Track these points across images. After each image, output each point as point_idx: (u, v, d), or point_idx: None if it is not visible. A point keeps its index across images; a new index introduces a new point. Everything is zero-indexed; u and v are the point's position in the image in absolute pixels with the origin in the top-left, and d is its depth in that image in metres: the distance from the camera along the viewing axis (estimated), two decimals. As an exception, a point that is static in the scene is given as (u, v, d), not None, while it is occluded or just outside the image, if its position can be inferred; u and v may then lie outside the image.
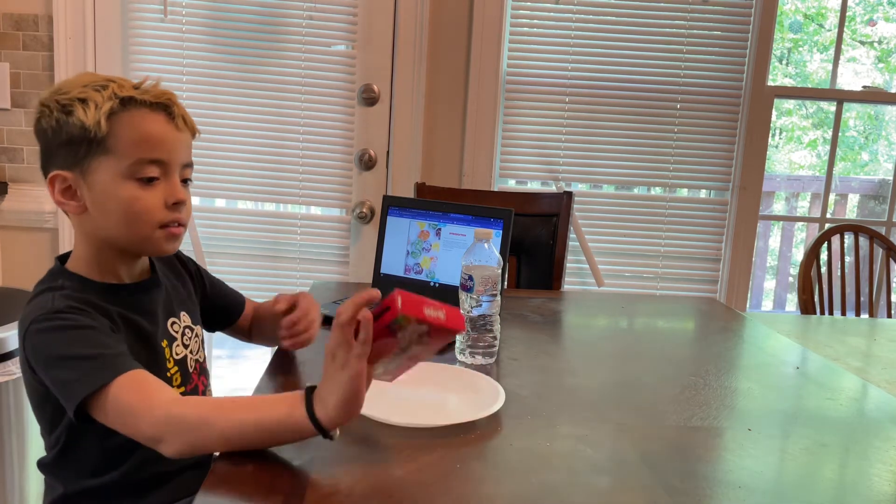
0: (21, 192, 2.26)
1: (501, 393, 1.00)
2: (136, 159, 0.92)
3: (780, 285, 4.04)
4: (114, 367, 0.85)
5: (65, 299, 0.90)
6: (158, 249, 0.98)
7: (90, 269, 0.97)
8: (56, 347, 0.87)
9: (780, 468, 0.90)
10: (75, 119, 0.90)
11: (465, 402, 1.00)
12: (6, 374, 1.59)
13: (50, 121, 0.91)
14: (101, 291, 0.96)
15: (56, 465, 0.99)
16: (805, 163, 5.48)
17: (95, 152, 0.91)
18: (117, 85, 0.92)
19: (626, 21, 2.34)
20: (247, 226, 2.37)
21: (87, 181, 0.92)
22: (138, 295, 1.00)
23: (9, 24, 2.19)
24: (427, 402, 1.02)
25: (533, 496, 0.77)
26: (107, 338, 0.89)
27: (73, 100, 0.90)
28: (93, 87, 0.92)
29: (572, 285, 2.43)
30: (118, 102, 0.91)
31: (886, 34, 5.21)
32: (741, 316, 1.67)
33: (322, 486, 0.76)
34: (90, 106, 0.90)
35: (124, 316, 0.96)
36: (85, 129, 0.90)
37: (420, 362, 0.89)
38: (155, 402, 0.84)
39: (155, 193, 0.94)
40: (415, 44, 2.28)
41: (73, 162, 0.92)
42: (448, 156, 2.37)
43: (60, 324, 0.88)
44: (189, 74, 2.27)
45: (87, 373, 0.85)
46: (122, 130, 0.91)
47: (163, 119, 0.94)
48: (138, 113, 0.92)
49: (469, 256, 1.17)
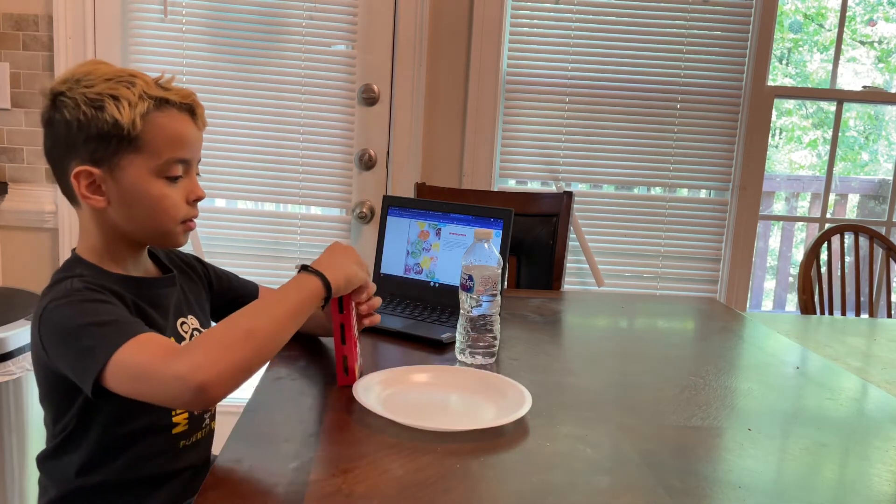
0: (21, 192, 2.26)
1: (528, 397, 0.98)
2: (167, 159, 0.94)
3: (780, 285, 4.04)
4: (132, 330, 0.85)
5: (81, 282, 0.91)
6: (175, 242, 1.01)
7: (103, 261, 0.98)
8: (71, 320, 0.87)
9: (780, 468, 0.90)
10: (107, 115, 0.90)
11: (493, 406, 0.99)
12: (6, 374, 1.59)
13: (76, 113, 0.91)
14: (117, 281, 0.97)
15: (53, 457, 0.99)
16: (805, 163, 5.48)
17: (126, 149, 0.92)
18: (144, 82, 0.93)
19: (626, 21, 2.34)
20: (247, 226, 2.37)
21: (114, 177, 0.93)
22: (152, 289, 1.02)
23: (9, 24, 2.19)
24: (454, 407, 1.02)
25: (533, 496, 0.77)
26: (122, 310, 0.90)
27: (104, 95, 0.91)
28: (118, 81, 0.92)
29: (572, 285, 2.43)
30: (153, 103, 0.92)
31: (886, 34, 5.21)
32: (741, 316, 1.67)
33: (322, 486, 0.76)
34: (123, 104, 0.90)
35: (138, 305, 0.97)
36: (118, 126, 0.91)
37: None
38: (174, 348, 0.85)
39: (179, 190, 0.97)
40: (415, 44, 2.28)
41: (102, 157, 0.92)
42: (448, 156, 2.37)
43: (75, 299, 0.88)
44: (189, 74, 2.27)
45: (106, 336, 0.84)
46: (155, 130, 0.93)
47: (188, 119, 0.97)
48: (169, 113, 0.94)
49: (469, 256, 1.17)
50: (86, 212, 0.97)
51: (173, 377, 0.79)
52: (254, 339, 0.84)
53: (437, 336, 1.26)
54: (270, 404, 0.97)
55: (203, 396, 0.79)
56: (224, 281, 1.20)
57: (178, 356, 0.81)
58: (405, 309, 1.41)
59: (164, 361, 0.81)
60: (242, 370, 0.82)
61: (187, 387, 0.79)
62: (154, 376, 0.81)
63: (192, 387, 0.79)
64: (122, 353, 0.82)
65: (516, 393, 1.00)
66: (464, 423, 0.94)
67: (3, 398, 1.59)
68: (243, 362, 0.82)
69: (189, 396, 0.79)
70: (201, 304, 1.14)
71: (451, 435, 0.89)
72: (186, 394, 0.79)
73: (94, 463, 0.97)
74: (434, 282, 1.47)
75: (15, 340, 1.61)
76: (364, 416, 0.93)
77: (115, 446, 0.96)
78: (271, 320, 0.88)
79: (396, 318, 1.36)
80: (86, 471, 0.97)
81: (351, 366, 1.03)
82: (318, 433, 0.89)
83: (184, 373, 0.79)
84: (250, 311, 0.89)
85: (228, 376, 0.81)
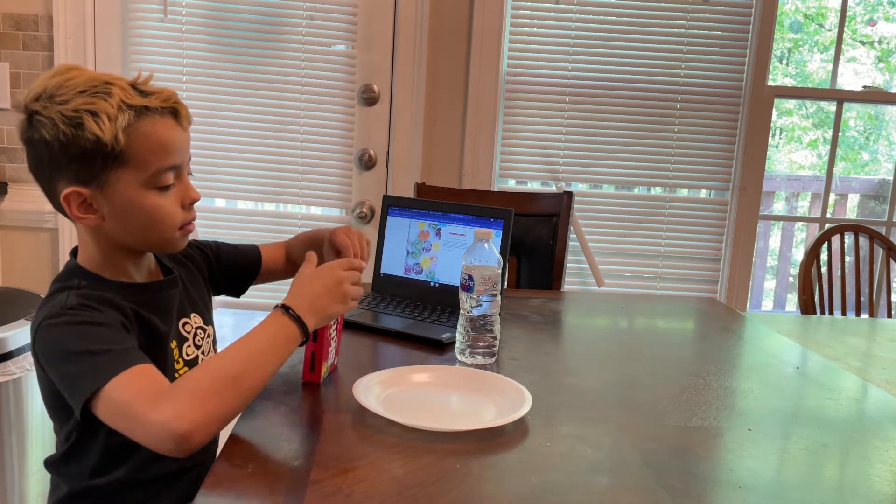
0: (21, 192, 2.26)
1: (528, 397, 0.98)
2: (156, 169, 0.92)
3: (780, 285, 4.04)
4: (122, 361, 0.84)
5: (77, 297, 0.90)
6: (175, 248, 1.00)
7: (102, 270, 0.97)
8: (64, 343, 0.86)
9: (780, 468, 0.90)
10: (87, 133, 0.86)
11: (494, 406, 0.98)
12: (6, 374, 1.59)
13: (54, 133, 0.87)
14: (117, 290, 0.95)
15: (63, 462, 0.99)
16: (805, 163, 5.48)
17: (113, 165, 0.89)
18: (120, 90, 0.89)
19: (626, 21, 2.34)
20: (247, 226, 2.37)
21: (104, 194, 0.91)
22: (154, 294, 1.01)
23: (9, 24, 2.19)
24: (454, 407, 1.02)
25: (533, 496, 0.77)
26: (116, 334, 0.89)
27: (81, 111, 0.86)
28: (94, 94, 0.88)
29: (572, 285, 2.43)
30: (133, 114, 0.89)
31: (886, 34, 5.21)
32: (741, 316, 1.67)
33: (322, 486, 0.76)
34: (103, 118, 0.86)
35: (138, 313, 0.96)
36: (101, 143, 0.87)
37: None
38: (160, 390, 0.83)
39: (172, 197, 0.95)
40: (415, 44, 2.27)
41: (89, 177, 0.89)
42: (448, 156, 2.37)
43: (69, 319, 0.87)
44: (189, 74, 2.27)
45: (97, 366, 0.83)
46: (140, 141, 0.89)
47: (172, 123, 0.93)
48: (151, 121, 0.90)
49: (469, 256, 1.17)
50: (85, 229, 0.95)
51: (156, 423, 0.78)
52: (237, 388, 0.83)
53: (437, 336, 1.26)
54: (271, 404, 0.97)
55: (184, 445, 0.79)
56: (224, 255, 1.20)
57: (163, 402, 0.80)
58: (405, 309, 1.41)
59: (148, 405, 0.80)
60: (225, 419, 0.83)
61: (169, 435, 0.78)
62: (137, 418, 0.80)
63: (174, 436, 0.78)
64: (110, 388, 0.81)
65: (516, 393, 1.00)
66: (464, 423, 0.94)
67: (3, 398, 1.59)
68: (227, 412, 0.83)
69: (171, 445, 0.79)
70: (202, 296, 1.13)
71: (451, 435, 0.89)
72: (168, 442, 0.79)
73: (107, 466, 0.97)
74: (434, 282, 1.47)
75: (15, 340, 1.60)
76: (364, 416, 0.93)
77: (122, 450, 0.96)
78: (255, 367, 0.86)
79: (396, 318, 1.36)
80: (99, 473, 0.97)
81: (318, 364, 1.02)
82: (318, 433, 0.89)
83: (166, 421, 0.78)
84: (234, 356, 0.87)
85: (211, 425, 0.80)
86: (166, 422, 0.78)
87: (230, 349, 0.88)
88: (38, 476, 1.11)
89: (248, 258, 1.24)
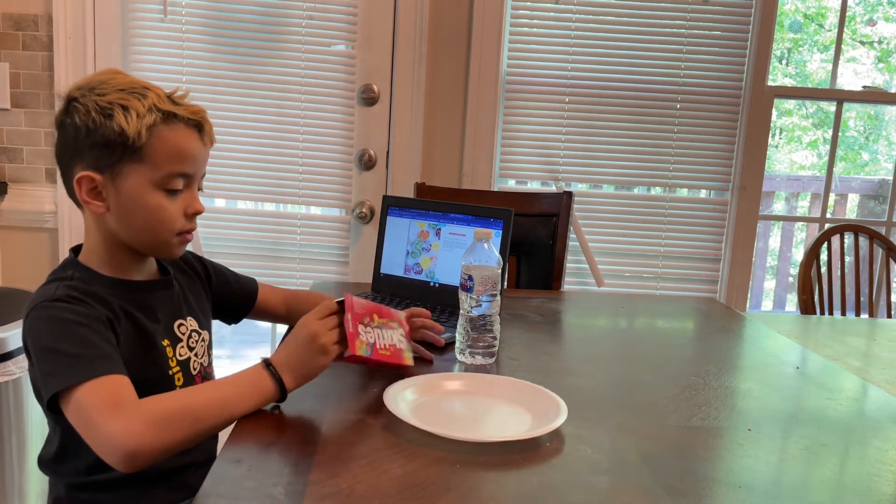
0: (21, 192, 2.26)
1: (563, 407, 0.96)
2: (168, 172, 0.96)
3: (780, 285, 4.04)
4: (92, 370, 0.86)
5: (66, 289, 0.93)
6: (169, 253, 1.03)
7: (101, 264, 0.99)
8: (42, 337, 0.90)
9: (780, 468, 0.90)
10: (114, 124, 0.92)
11: (528, 416, 0.97)
12: (6, 374, 1.59)
13: (85, 119, 0.93)
14: (109, 285, 0.98)
15: (58, 460, 1.00)
16: (805, 163, 5.48)
17: (129, 159, 0.94)
18: (156, 95, 0.95)
19: (626, 21, 2.34)
20: (247, 226, 2.37)
21: (115, 184, 0.95)
22: (145, 293, 1.02)
23: (9, 24, 2.19)
24: (483, 415, 1.00)
25: (533, 496, 0.77)
26: (93, 335, 0.90)
27: (114, 104, 0.92)
28: (131, 92, 0.94)
29: (572, 285, 2.43)
30: (160, 116, 0.94)
31: (886, 34, 5.21)
32: (741, 316, 1.67)
33: (322, 486, 0.76)
34: (132, 114, 0.92)
35: (126, 310, 0.98)
36: (124, 135, 0.92)
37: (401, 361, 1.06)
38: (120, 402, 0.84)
39: (177, 203, 0.98)
40: (415, 44, 2.27)
41: (105, 165, 0.94)
42: (448, 156, 2.37)
43: (51, 314, 0.90)
44: (189, 74, 2.27)
45: (67, 367, 0.86)
46: (160, 143, 0.94)
47: (195, 136, 0.98)
48: (176, 128, 0.96)
49: (469, 256, 1.17)
50: (88, 215, 0.99)
51: (106, 435, 0.82)
52: (195, 425, 0.86)
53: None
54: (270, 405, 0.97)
55: (129, 462, 0.82)
56: (222, 279, 1.21)
57: (119, 416, 0.82)
58: (405, 309, 1.41)
59: (105, 415, 0.82)
60: (172, 449, 0.85)
61: (115, 449, 0.82)
62: (92, 426, 0.83)
63: (120, 451, 0.81)
64: (76, 392, 0.84)
65: (550, 402, 0.98)
66: (497, 434, 0.92)
67: (3, 398, 1.59)
68: (177, 443, 0.85)
69: (116, 458, 0.82)
70: (202, 304, 1.14)
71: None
72: (113, 455, 0.82)
73: (103, 462, 0.97)
74: (434, 282, 1.47)
75: (15, 340, 1.61)
76: (364, 417, 0.93)
77: None
78: (217, 411, 0.88)
79: (396, 318, 1.36)
80: (96, 470, 0.98)
81: (349, 337, 0.98)
82: (318, 433, 0.89)
83: (116, 434, 0.81)
84: (202, 394, 0.91)
85: (159, 450, 0.83)
86: (116, 435, 0.81)
87: (203, 387, 0.95)
88: (37, 476, 1.11)
89: (245, 290, 1.24)
